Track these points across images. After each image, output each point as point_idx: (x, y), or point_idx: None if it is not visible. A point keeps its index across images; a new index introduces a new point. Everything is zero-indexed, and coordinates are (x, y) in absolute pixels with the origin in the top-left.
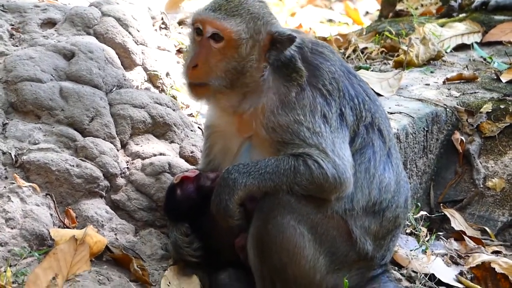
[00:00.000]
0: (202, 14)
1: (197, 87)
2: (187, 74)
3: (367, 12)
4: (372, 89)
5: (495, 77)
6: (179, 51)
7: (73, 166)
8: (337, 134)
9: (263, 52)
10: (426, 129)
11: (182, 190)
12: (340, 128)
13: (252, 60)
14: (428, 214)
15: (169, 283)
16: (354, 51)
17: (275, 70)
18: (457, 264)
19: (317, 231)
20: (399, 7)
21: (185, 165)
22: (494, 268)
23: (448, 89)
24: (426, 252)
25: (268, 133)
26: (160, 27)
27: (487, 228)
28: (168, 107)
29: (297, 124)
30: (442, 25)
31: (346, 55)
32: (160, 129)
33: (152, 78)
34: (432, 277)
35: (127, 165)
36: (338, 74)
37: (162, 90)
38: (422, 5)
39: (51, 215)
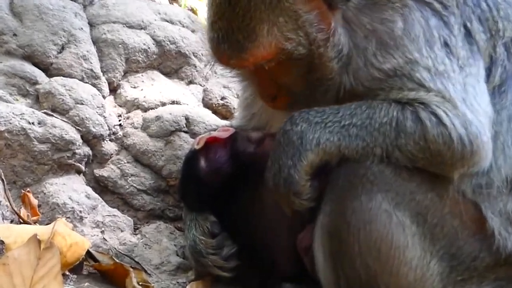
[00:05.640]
0: (226, 56)
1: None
2: (269, 105)
3: None
4: None
5: None
6: None
7: (32, 123)
8: (469, 70)
9: (324, 15)
10: None
11: (208, 160)
12: (471, 58)
13: (316, 38)
14: None
15: None
16: None
17: (355, 15)
18: None
19: (426, 220)
20: None
21: (212, 119)
22: None
23: None
24: None
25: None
26: None
27: None
28: (183, 26)
29: (410, 64)
30: None
31: None
32: (172, 62)
33: None
34: None
35: (120, 120)
36: None
37: (174, 0)
38: None
39: None
